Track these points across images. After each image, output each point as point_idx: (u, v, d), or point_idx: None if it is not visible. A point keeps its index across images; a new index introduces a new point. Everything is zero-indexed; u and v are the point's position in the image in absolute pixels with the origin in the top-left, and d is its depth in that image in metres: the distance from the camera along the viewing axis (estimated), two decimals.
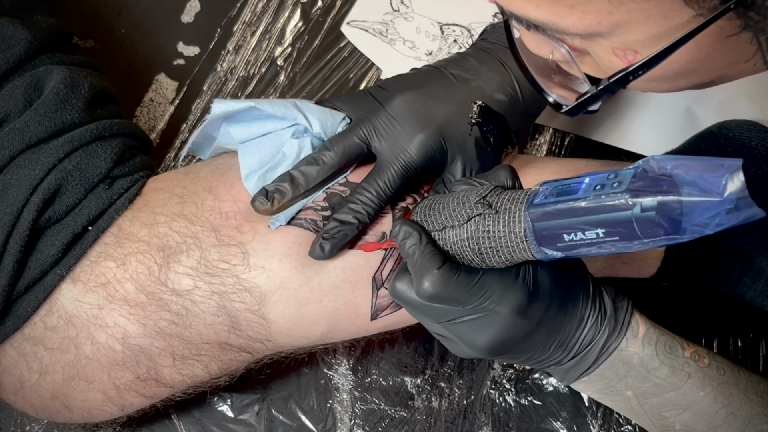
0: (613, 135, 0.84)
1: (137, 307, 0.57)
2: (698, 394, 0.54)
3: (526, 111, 0.62)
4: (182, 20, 0.86)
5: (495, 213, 0.49)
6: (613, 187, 0.42)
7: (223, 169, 0.61)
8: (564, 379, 0.56)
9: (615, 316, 0.54)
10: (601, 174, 0.44)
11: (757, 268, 0.68)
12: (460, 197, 0.52)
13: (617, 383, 0.55)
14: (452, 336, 0.53)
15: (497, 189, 0.51)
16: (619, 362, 0.54)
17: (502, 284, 0.50)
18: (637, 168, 0.42)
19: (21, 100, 0.59)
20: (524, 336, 0.52)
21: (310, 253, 0.57)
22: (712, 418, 0.54)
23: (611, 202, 0.42)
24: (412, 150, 0.58)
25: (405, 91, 0.60)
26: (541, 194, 0.47)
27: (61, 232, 0.57)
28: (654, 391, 0.55)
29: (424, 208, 0.54)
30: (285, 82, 0.84)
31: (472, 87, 0.61)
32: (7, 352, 0.59)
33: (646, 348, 0.54)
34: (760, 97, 0.84)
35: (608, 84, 0.42)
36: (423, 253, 0.50)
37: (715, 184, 0.38)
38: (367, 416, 0.72)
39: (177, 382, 0.60)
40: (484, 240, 0.49)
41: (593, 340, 0.54)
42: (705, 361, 0.55)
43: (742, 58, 0.42)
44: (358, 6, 0.87)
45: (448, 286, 0.49)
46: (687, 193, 0.39)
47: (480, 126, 0.60)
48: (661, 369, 0.54)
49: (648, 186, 0.41)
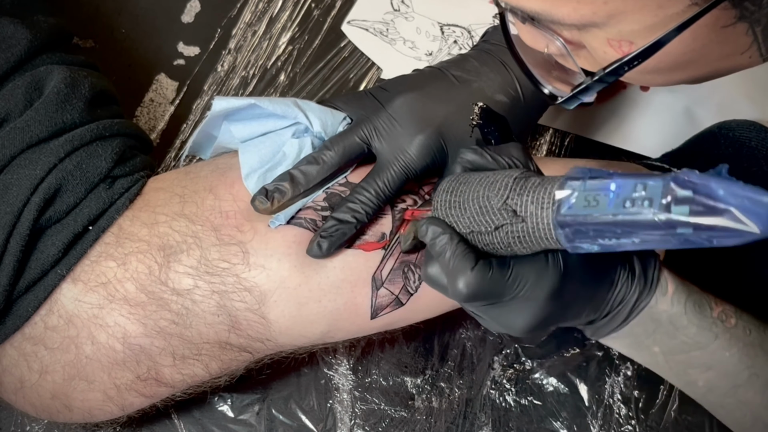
0: (613, 135, 0.84)
1: (138, 307, 0.57)
2: (724, 355, 0.55)
3: (528, 112, 0.62)
4: (182, 20, 0.86)
5: (521, 222, 0.48)
6: (644, 205, 0.41)
7: (223, 168, 0.61)
8: (594, 335, 0.57)
9: (644, 275, 0.54)
10: (628, 182, 0.43)
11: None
12: (479, 196, 0.50)
13: (645, 339, 0.56)
14: (487, 317, 0.53)
15: (517, 182, 0.49)
16: (648, 319, 0.55)
17: (535, 271, 0.50)
18: (666, 181, 0.41)
19: (21, 100, 0.59)
20: (560, 313, 0.52)
21: (308, 251, 0.57)
22: (735, 377, 0.55)
23: (645, 221, 0.41)
24: (412, 151, 0.58)
25: (406, 92, 0.60)
26: (566, 203, 0.45)
27: (61, 232, 0.57)
28: (681, 349, 0.55)
29: (444, 205, 0.53)
30: (285, 82, 0.84)
31: (473, 88, 0.61)
32: (7, 351, 0.59)
33: (675, 306, 0.55)
34: (760, 97, 0.84)
35: (603, 74, 0.42)
36: (455, 253, 0.49)
37: (755, 216, 0.38)
38: (367, 416, 0.72)
39: (177, 381, 0.60)
40: (515, 243, 0.49)
41: (624, 299, 0.54)
42: (732, 321, 0.55)
43: (738, 49, 0.41)
44: (359, 5, 0.87)
45: (483, 284, 0.49)
46: (726, 221, 0.38)
47: (481, 127, 0.60)
48: (689, 328, 0.55)
49: (681, 204, 0.40)
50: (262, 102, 0.59)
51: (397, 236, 0.59)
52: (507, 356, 0.74)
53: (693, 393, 0.59)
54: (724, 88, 0.85)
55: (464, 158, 0.53)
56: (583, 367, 0.74)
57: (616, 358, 0.74)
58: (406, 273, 0.60)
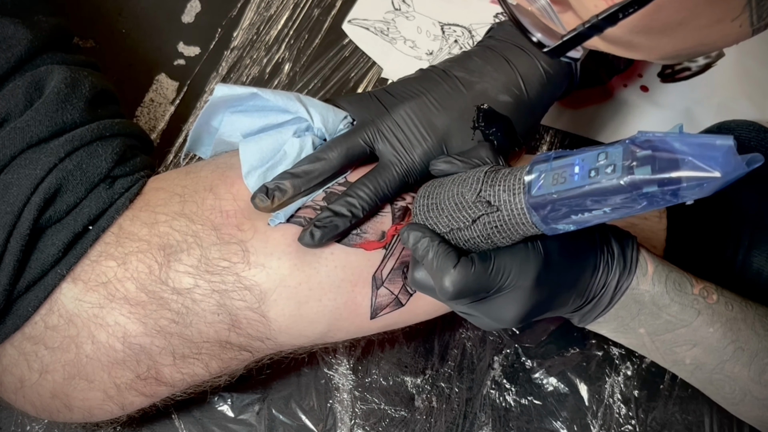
0: (613, 135, 0.84)
1: (138, 306, 0.57)
2: (708, 330, 0.56)
3: (532, 110, 0.63)
4: (183, 20, 0.86)
5: (496, 210, 0.49)
6: (607, 172, 0.43)
7: (223, 168, 0.61)
8: (581, 322, 0.59)
9: (623, 256, 0.56)
10: (589, 154, 0.44)
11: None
12: (454, 194, 0.52)
13: (630, 321, 0.57)
14: (478, 313, 0.54)
15: (488, 175, 0.51)
16: (631, 301, 0.56)
17: (518, 260, 0.51)
18: (625, 145, 0.43)
19: (22, 100, 0.59)
20: (547, 300, 0.53)
21: (300, 239, 0.57)
22: (721, 352, 0.57)
23: (611, 186, 0.42)
24: (415, 157, 0.59)
25: (410, 100, 0.60)
26: (535, 184, 0.47)
27: (61, 232, 0.57)
28: (665, 328, 0.57)
29: (423, 209, 0.55)
30: (285, 82, 0.84)
31: (476, 91, 0.61)
32: (7, 351, 0.59)
33: (656, 285, 0.56)
34: (760, 98, 0.84)
35: (597, 21, 0.41)
36: (437, 253, 0.51)
37: (712, 160, 0.39)
38: (367, 416, 0.72)
39: (177, 381, 0.60)
40: (494, 233, 0.51)
41: (606, 283, 0.55)
42: (714, 297, 0.57)
43: (729, 14, 0.41)
44: (360, 4, 0.87)
45: (468, 280, 0.50)
46: (686, 171, 0.40)
47: (483, 130, 0.60)
48: (672, 306, 0.56)
49: (643, 164, 0.41)
50: (265, 93, 0.59)
51: (397, 237, 0.60)
52: (507, 356, 0.74)
53: (681, 372, 0.61)
54: (724, 88, 0.85)
55: (435, 168, 0.57)
56: (583, 367, 0.74)
57: (616, 358, 0.75)
58: (406, 273, 0.60)
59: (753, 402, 0.59)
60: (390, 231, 0.59)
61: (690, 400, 0.74)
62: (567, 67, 0.63)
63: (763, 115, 0.82)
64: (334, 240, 0.58)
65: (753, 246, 0.69)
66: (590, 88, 0.84)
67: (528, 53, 0.62)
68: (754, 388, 0.58)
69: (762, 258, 0.69)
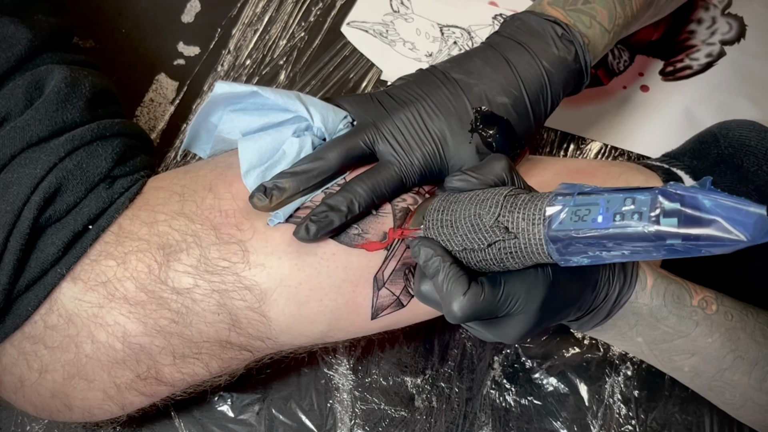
0: (613, 135, 0.84)
1: (137, 306, 0.57)
2: (706, 341, 0.57)
3: (532, 111, 0.62)
4: (182, 20, 0.86)
5: (514, 238, 0.49)
6: (633, 218, 0.42)
7: (222, 167, 0.61)
8: (579, 329, 0.60)
9: (624, 271, 0.56)
10: (616, 196, 0.44)
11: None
12: (471, 215, 0.52)
13: (628, 331, 0.58)
14: (481, 329, 0.54)
15: (507, 199, 0.51)
16: (629, 313, 0.57)
17: (526, 286, 0.51)
18: (654, 195, 0.42)
19: (22, 99, 0.59)
20: (550, 318, 0.54)
21: (295, 233, 0.57)
22: (720, 361, 0.57)
23: (636, 233, 0.42)
24: (413, 159, 0.59)
25: (410, 104, 0.60)
26: (557, 218, 0.47)
27: (61, 231, 0.57)
28: (663, 338, 0.58)
29: (436, 224, 0.54)
30: (285, 82, 0.84)
31: (474, 93, 0.61)
32: (7, 350, 0.59)
33: (654, 299, 0.57)
34: (760, 97, 0.84)
35: None
36: (448, 276, 0.51)
37: (742, 225, 0.39)
38: (367, 416, 0.72)
39: (177, 380, 0.60)
40: (507, 258, 0.50)
41: (606, 296, 0.56)
42: (713, 308, 0.58)
43: None
44: (358, 6, 0.87)
45: (476, 306, 0.50)
46: (714, 231, 0.40)
47: (482, 132, 0.60)
48: (670, 318, 0.57)
49: (670, 216, 0.41)
50: (265, 91, 0.59)
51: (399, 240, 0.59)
52: (507, 356, 0.74)
53: (680, 378, 0.61)
54: (724, 88, 0.85)
55: (450, 186, 0.55)
56: (583, 367, 0.74)
57: (616, 358, 0.75)
58: (408, 274, 0.60)
59: (754, 408, 0.59)
60: (392, 232, 0.59)
61: (690, 400, 0.74)
62: (572, 65, 0.63)
63: (763, 115, 0.83)
64: (330, 236, 0.58)
65: (754, 249, 0.69)
66: (590, 89, 0.84)
67: (530, 52, 0.62)
68: (755, 395, 0.58)
69: (763, 262, 0.69)
